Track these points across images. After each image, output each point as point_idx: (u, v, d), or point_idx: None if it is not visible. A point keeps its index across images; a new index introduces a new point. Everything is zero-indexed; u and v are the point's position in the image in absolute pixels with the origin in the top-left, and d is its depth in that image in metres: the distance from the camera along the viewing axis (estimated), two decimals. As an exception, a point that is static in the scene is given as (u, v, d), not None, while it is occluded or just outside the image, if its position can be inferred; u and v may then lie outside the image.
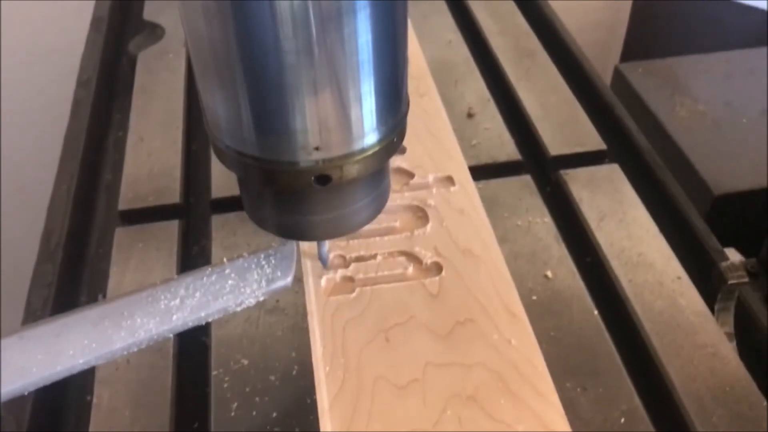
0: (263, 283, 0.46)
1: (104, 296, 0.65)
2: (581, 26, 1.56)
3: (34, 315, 0.63)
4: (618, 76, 1.11)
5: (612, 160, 0.77)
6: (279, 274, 0.46)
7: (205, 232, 0.70)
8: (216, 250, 0.67)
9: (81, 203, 0.74)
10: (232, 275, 0.45)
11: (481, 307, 0.48)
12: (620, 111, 0.83)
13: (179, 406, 0.56)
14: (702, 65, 1.12)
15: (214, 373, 0.57)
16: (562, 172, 0.75)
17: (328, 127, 0.36)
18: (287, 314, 0.60)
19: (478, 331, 0.46)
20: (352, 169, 0.38)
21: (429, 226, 0.53)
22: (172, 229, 0.69)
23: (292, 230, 0.43)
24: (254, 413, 0.54)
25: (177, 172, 0.75)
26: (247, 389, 0.55)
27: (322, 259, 0.49)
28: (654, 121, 1.01)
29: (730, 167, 0.92)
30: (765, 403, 0.55)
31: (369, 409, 0.42)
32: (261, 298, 0.46)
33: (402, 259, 0.51)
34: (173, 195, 0.73)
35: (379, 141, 0.38)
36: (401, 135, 0.40)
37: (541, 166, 0.78)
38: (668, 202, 0.72)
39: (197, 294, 0.44)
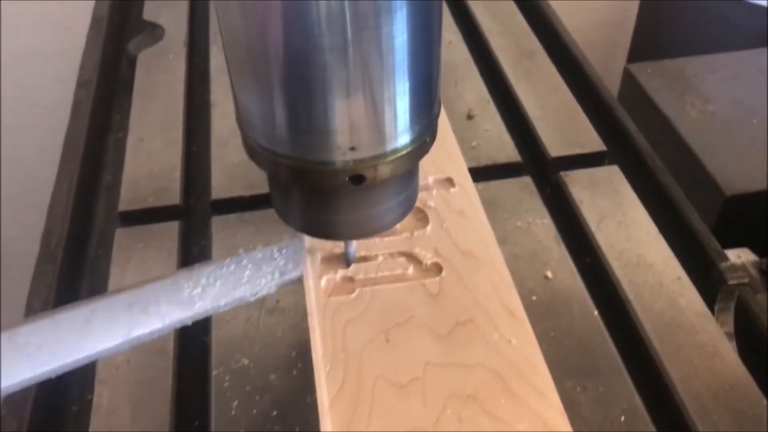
0: (276, 274, 0.48)
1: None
2: (588, 26, 1.57)
3: (34, 315, 0.62)
4: (627, 76, 1.11)
5: (612, 162, 0.77)
6: (290, 266, 0.49)
7: (205, 233, 0.70)
8: (216, 251, 0.67)
9: (81, 204, 0.74)
10: (249, 266, 0.47)
11: (481, 308, 0.48)
12: (620, 112, 0.83)
13: (179, 406, 0.56)
14: (712, 65, 1.12)
15: (214, 372, 0.57)
16: (562, 173, 0.75)
17: (365, 127, 0.36)
18: (287, 314, 0.60)
19: (479, 332, 0.46)
20: (386, 169, 0.38)
21: (429, 227, 0.53)
22: (172, 230, 0.69)
23: (321, 229, 0.44)
24: (254, 412, 0.54)
25: (177, 173, 0.75)
26: (248, 388, 0.55)
27: (349, 259, 0.49)
28: (664, 122, 1.00)
29: (741, 167, 0.91)
30: (765, 402, 0.55)
31: (369, 408, 0.42)
32: (274, 289, 0.48)
33: (402, 259, 0.51)
34: (173, 196, 0.73)
35: (413, 141, 0.39)
36: (433, 135, 0.41)
37: (540, 168, 0.78)
38: (668, 203, 0.73)
39: (217, 283, 0.45)
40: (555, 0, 1.03)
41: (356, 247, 0.52)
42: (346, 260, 0.50)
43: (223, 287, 0.46)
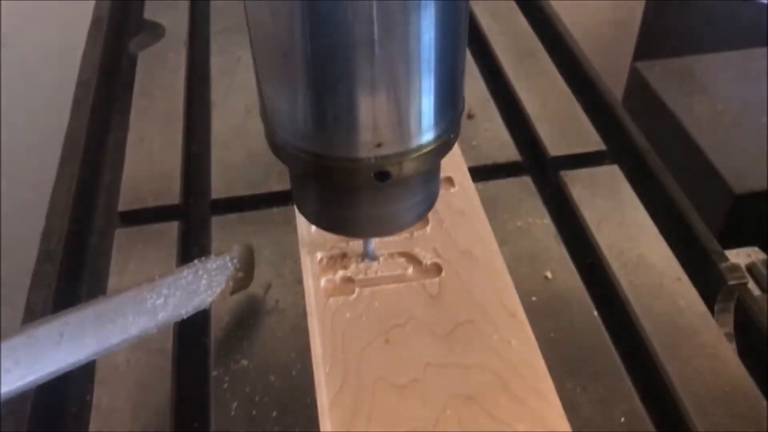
0: (230, 282, 0.52)
1: (104, 296, 0.65)
2: (594, 24, 1.57)
3: (34, 315, 0.62)
4: (635, 74, 1.11)
5: (612, 161, 0.77)
6: (241, 274, 0.53)
7: (205, 234, 0.70)
8: (216, 251, 0.67)
9: (81, 204, 0.74)
10: (205, 276, 0.50)
11: (480, 308, 0.48)
12: (620, 111, 0.83)
13: (179, 407, 0.56)
14: (720, 63, 1.11)
15: (214, 373, 0.57)
16: (562, 173, 0.75)
17: (392, 123, 0.36)
18: (287, 315, 0.60)
19: (478, 332, 0.46)
20: (411, 166, 0.38)
21: (429, 228, 0.53)
22: (171, 230, 0.69)
23: (343, 226, 0.44)
24: (254, 413, 0.54)
25: (177, 173, 0.75)
26: (247, 389, 0.55)
27: (369, 256, 0.50)
28: (672, 120, 1.00)
29: (750, 166, 0.91)
30: (765, 403, 0.55)
31: (369, 409, 0.42)
32: (228, 296, 0.52)
33: (402, 260, 0.51)
34: (173, 196, 0.73)
35: (437, 138, 0.39)
36: (457, 132, 0.41)
37: (540, 167, 0.78)
38: (668, 202, 0.72)
39: (177, 293, 0.48)
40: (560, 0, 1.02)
41: (357, 247, 0.52)
42: (364, 258, 0.50)
43: (182, 296, 0.49)
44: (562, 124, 0.80)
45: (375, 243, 0.51)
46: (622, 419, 0.54)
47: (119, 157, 0.79)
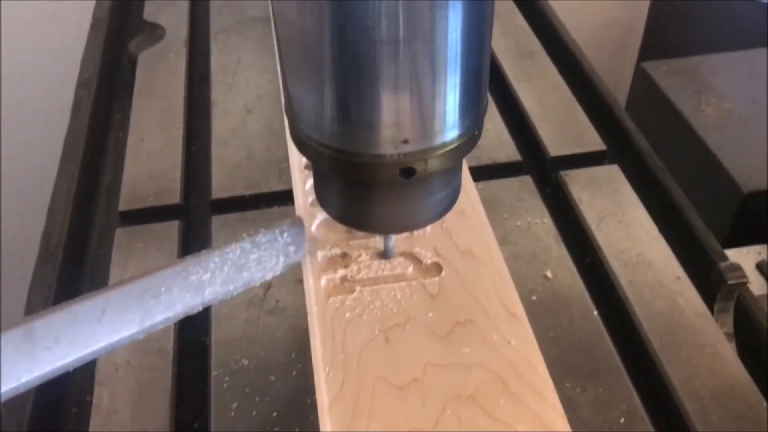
0: (281, 257, 0.48)
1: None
2: (599, 25, 1.57)
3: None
4: (642, 74, 1.11)
5: (612, 161, 0.77)
6: (293, 249, 0.49)
7: (205, 233, 0.70)
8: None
9: (81, 203, 0.74)
10: (253, 250, 0.47)
11: (480, 308, 0.48)
12: (620, 111, 0.83)
13: (179, 407, 0.56)
14: (727, 63, 1.12)
15: (214, 373, 0.57)
16: (562, 172, 0.75)
17: (420, 119, 0.37)
18: (287, 314, 0.60)
19: (478, 332, 0.46)
20: (436, 163, 0.38)
21: (429, 227, 0.53)
22: (172, 229, 0.69)
23: (366, 222, 0.44)
24: (254, 413, 0.54)
25: (177, 173, 0.75)
26: (247, 389, 0.55)
27: (388, 253, 0.50)
28: (680, 120, 1.00)
29: (758, 165, 0.91)
30: (765, 403, 0.55)
31: (369, 409, 0.42)
32: (278, 272, 0.47)
33: (402, 259, 0.51)
34: (173, 195, 0.73)
35: (463, 134, 0.39)
36: (480, 129, 0.41)
37: (540, 167, 0.78)
38: (668, 202, 0.72)
39: (225, 268, 0.45)
40: (565, 0, 1.02)
41: (357, 247, 0.52)
42: (384, 255, 0.50)
43: (230, 272, 0.46)
44: (562, 124, 0.80)
45: (367, 243, 0.51)
46: (622, 419, 0.54)
47: (119, 157, 0.79)
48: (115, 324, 0.41)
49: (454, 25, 0.34)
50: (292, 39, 0.36)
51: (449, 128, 0.38)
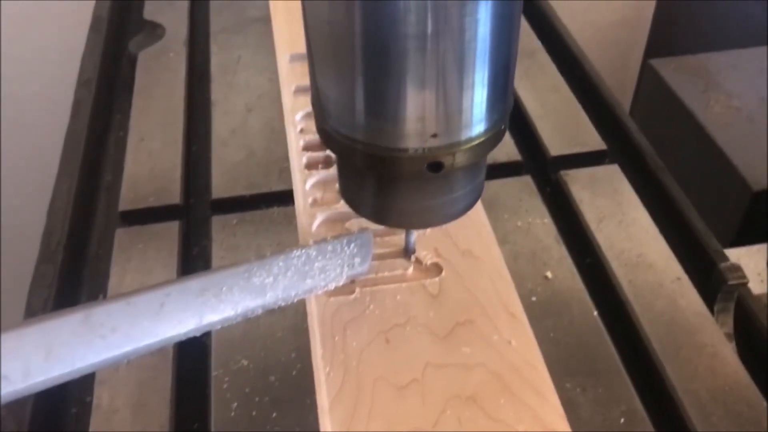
0: (345, 267, 0.47)
1: (104, 297, 0.65)
2: (605, 23, 1.56)
3: (34, 315, 0.63)
4: (650, 72, 1.11)
5: (612, 161, 0.77)
6: (358, 260, 0.48)
7: (206, 233, 0.70)
8: (216, 251, 0.67)
9: (81, 203, 0.74)
10: (318, 258, 0.46)
11: (480, 308, 0.48)
12: (620, 111, 0.83)
13: (179, 407, 0.56)
14: (735, 60, 1.11)
15: (214, 373, 0.57)
16: (562, 172, 0.75)
17: (448, 114, 0.37)
18: (287, 315, 0.60)
19: (478, 332, 0.46)
20: (463, 157, 0.38)
21: (429, 228, 0.53)
22: (172, 229, 0.69)
23: (392, 216, 0.44)
24: (254, 413, 0.54)
25: (177, 173, 0.75)
26: (247, 390, 0.55)
27: (409, 249, 0.49)
28: (689, 118, 1.00)
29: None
30: (765, 403, 0.55)
31: (369, 409, 0.42)
32: (341, 282, 0.47)
33: (402, 259, 0.51)
34: (173, 196, 0.73)
35: (490, 129, 0.39)
36: (506, 124, 0.41)
37: (541, 167, 0.78)
38: (668, 202, 0.72)
39: (288, 273, 0.44)
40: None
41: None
42: (406, 251, 0.50)
43: (293, 278, 0.45)
44: (562, 123, 0.80)
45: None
46: (622, 419, 0.54)
47: (119, 156, 0.79)
48: (173, 320, 0.40)
49: (483, 19, 0.34)
50: (322, 33, 0.36)
51: (477, 122, 0.38)
